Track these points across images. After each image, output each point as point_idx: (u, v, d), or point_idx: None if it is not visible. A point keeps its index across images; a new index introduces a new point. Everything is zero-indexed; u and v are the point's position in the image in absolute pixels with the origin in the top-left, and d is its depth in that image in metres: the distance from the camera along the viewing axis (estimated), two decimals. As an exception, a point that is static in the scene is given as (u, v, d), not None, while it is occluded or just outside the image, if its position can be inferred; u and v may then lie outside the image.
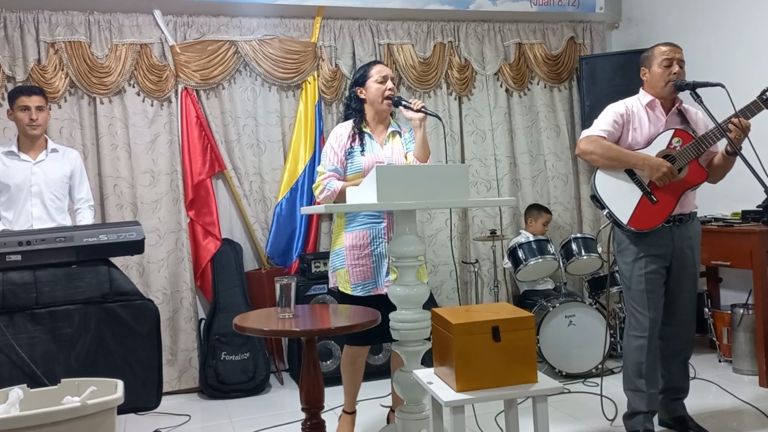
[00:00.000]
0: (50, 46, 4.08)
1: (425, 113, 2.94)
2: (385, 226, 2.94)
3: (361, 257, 2.93)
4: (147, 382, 2.96)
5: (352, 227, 2.96)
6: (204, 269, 4.38)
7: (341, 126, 3.07)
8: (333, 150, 3.00)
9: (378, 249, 2.93)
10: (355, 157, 2.97)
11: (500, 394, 2.16)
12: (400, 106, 2.99)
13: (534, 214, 4.73)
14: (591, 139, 2.94)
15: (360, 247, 2.93)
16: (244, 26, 4.45)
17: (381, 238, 2.93)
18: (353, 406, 3.16)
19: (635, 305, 2.95)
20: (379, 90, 2.99)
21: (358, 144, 2.98)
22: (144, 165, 4.26)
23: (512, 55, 5.02)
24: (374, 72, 3.01)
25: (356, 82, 3.06)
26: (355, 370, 3.10)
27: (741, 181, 2.99)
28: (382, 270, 2.93)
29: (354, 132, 3.01)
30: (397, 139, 3.08)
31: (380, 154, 3.00)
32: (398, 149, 3.05)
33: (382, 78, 3.00)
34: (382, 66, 3.06)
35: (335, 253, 3.02)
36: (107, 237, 3.00)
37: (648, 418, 2.96)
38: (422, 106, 2.93)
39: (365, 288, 2.93)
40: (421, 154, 2.97)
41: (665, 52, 2.91)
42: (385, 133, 3.07)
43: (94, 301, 2.87)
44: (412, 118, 2.95)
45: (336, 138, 3.02)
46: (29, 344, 2.74)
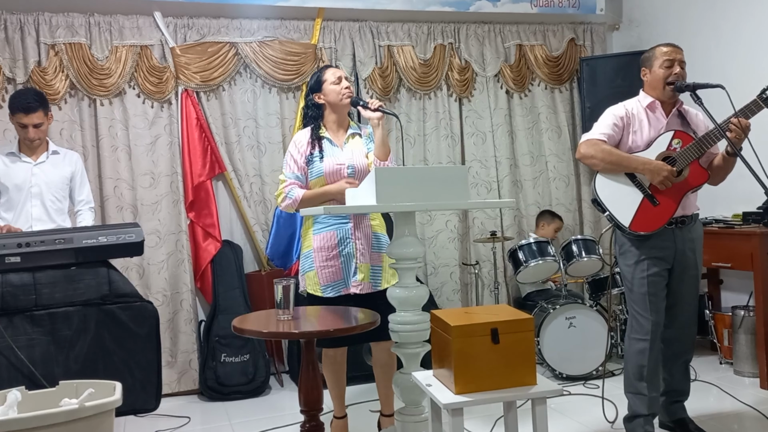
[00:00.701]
0: (51, 48, 4.08)
1: (383, 112, 2.93)
2: (351, 226, 2.94)
3: (330, 258, 2.93)
4: (146, 383, 2.96)
5: (318, 229, 2.96)
6: (204, 271, 4.38)
7: (300, 133, 3.08)
8: (293, 158, 3.00)
9: (346, 249, 2.93)
10: (315, 163, 2.97)
11: (499, 396, 2.15)
12: (358, 105, 2.99)
13: (547, 218, 4.74)
14: (591, 143, 2.94)
15: (328, 249, 2.93)
16: (245, 28, 4.45)
17: (348, 239, 2.93)
18: (343, 410, 3.14)
19: (637, 308, 2.93)
20: (336, 90, 2.99)
21: (317, 150, 2.98)
22: (144, 167, 4.26)
23: (513, 57, 5.02)
24: (329, 75, 3.02)
25: (312, 89, 3.06)
26: (336, 371, 3.09)
27: (741, 183, 2.98)
28: (351, 270, 2.93)
29: (312, 138, 3.01)
30: (357, 140, 3.06)
31: (340, 156, 2.98)
32: (359, 150, 3.03)
33: (337, 79, 3.00)
34: (334, 69, 3.08)
35: (304, 256, 3.02)
36: (107, 239, 3.01)
37: (648, 421, 2.95)
38: (379, 105, 2.93)
39: (335, 289, 2.93)
40: (381, 152, 2.96)
41: (667, 52, 2.91)
42: (344, 136, 3.06)
43: (94, 302, 2.88)
44: (370, 118, 2.94)
45: (295, 146, 3.02)
46: (28, 346, 2.75)
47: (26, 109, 3.39)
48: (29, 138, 3.45)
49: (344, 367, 3.13)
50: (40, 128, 3.47)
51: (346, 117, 3.09)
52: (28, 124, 3.41)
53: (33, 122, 3.42)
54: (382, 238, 3.01)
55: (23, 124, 3.42)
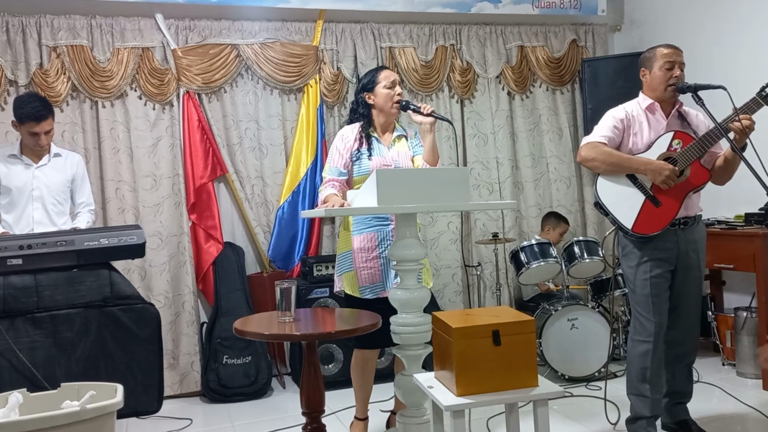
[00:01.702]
0: (52, 50, 4.09)
1: (435, 117, 2.94)
2: (392, 228, 2.94)
3: (370, 260, 2.93)
4: (148, 386, 2.95)
5: (359, 230, 2.96)
6: (206, 273, 4.38)
7: (347, 128, 3.07)
8: (338, 152, 3.00)
9: (386, 251, 2.93)
10: (363, 160, 2.97)
11: (501, 398, 2.14)
12: (408, 110, 2.99)
13: (552, 222, 4.72)
14: (591, 145, 2.93)
15: (368, 250, 2.93)
16: (246, 30, 4.46)
17: (389, 241, 2.93)
18: (365, 412, 3.14)
19: (640, 310, 2.93)
20: (388, 95, 2.99)
21: (365, 147, 2.99)
22: (146, 169, 4.27)
23: (514, 58, 5.02)
24: (382, 77, 3.02)
25: (364, 88, 3.06)
26: (366, 374, 3.08)
27: (744, 184, 2.97)
28: (390, 272, 2.93)
29: (361, 135, 3.01)
30: (403, 143, 3.08)
31: (387, 156, 3.00)
32: (404, 152, 3.05)
33: (390, 83, 3.01)
34: (389, 71, 3.07)
35: (342, 257, 3.02)
36: (108, 241, 3.00)
37: (651, 423, 2.94)
38: (432, 111, 2.94)
39: (373, 290, 2.93)
40: (430, 158, 2.98)
41: (667, 54, 2.90)
42: (391, 137, 3.08)
43: (95, 304, 2.87)
44: (422, 122, 2.95)
45: (342, 140, 3.02)
46: (30, 348, 2.74)
47: (38, 117, 3.37)
48: (41, 145, 3.44)
49: (373, 370, 3.12)
50: (50, 134, 3.47)
51: (394, 119, 3.10)
52: (40, 132, 3.40)
53: (45, 129, 3.41)
54: None
55: (35, 133, 3.40)
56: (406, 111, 3.02)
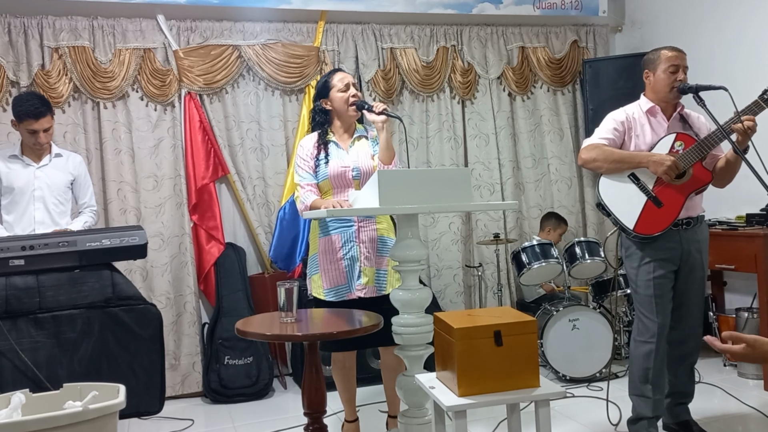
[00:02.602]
0: (54, 51, 4.09)
1: (387, 115, 2.92)
2: (355, 229, 2.93)
3: (333, 261, 2.93)
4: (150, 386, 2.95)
5: (324, 232, 2.96)
6: (207, 273, 4.39)
7: (306, 138, 3.07)
8: (303, 160, 3.00)
9: (350, 253, 2.92)
10: (321, 166, 2.97)
11: (502, 398, 2.15)
12: (363, 109, 2.98)
13: (553, 222, 4.72)
14: (591, 146, 2.94)
15: (332, 252, 2.93)
16: (248, 31, 4.46)
17: (352, 242, 2.92)
18: (354, 414, 3.15)
19: (643, 310, 2.93)
20: (342, 98, 2.98)
21: (323, 154, 2.98)
22: (147, 169, 4.27)
23: (515, 59, 5.02)
24: (336, 81, 3.00)
25: (319, 94, 3.05)
26: (346, 375, 3.09)
27: (745, 185, 2.97)
28: (354, 274, 2.92)
29: (319, 143, 3.00)
30: (362, 142, 3.05)
31: (346, 158, 2.98)
32: (364, 152, 3.02)
33: (344, 86, 2.99)
34: (343, 74, 3.05)
35: (310, 260, 3.03)
36: (110, 241, 3.01)
37: (653, 423, 2.94)
38: (383, 109, 2.92)
39: (338, 293, 2.93)
40: (385, 155, 2.95)
41: (671, 57, 2.89)
42: (350, 139, 3.06)
43: (97, 305, 2.87)
44: (374, 121, 2.94)
45: (303, 149, 3.01)
46: (32, 349, 2.75)
47: (36, 114, 3.38)
48: (40, 143, 3.45)
49: (354, 371, 3.13)
50: (49, 132, 3.47)
51: (354, 121, 3.09)
52: (38, 129, 3.41)
53: (43, 127, 3.42)
54: (389, 241, 2.97)
55: (34, 130, 3.41)
56: (360, 110, 3.00)
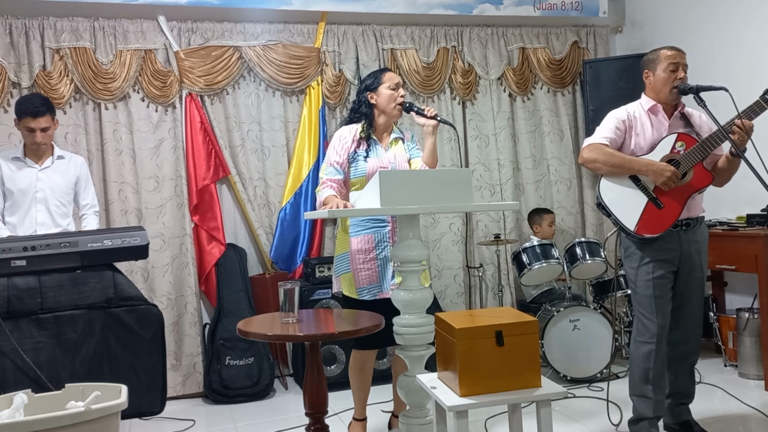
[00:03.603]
0: (55, 52, 4.10)
1: (439, 121, 2.95)
2: (389, 230, 2.95)
3: (367, 261, 2.94)
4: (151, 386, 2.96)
5: (356, 231, 2.97)
6: (208, 274, 4.39)
7: (345, 129, 3.07)
8: (336, 152, 3.00)
9: (383, 253, 2.94)
10: (359, 161, 2.98)
11: (504, 398, 2.15)
12: (411, 112, 3.00)
13: (537, 219, 4.73)
14: (593, 147, 2.94)
15: (365, 251, 2.94)
16: (248, 32, 4.47)
17: (386, 242, 2.94)
18: (363, 412, 3.15)
19: (643, 311, 2.93)
20: (391, 96, 3.00)
21: (363, 148, 2.99)
22: (148, 170, 4.28)
23: (516, 60, 5.03)
24: (386, 78, 3.03)
25: (367, 87, 3.06)
26: (364, 374, 3.10)
27: (746, 185, 2.97)
28: (387, 273, 2.94)
29: (360, 136, 3.01)
30: (399, 145, 3.10)
31: (384, 158, 3.01)
32: (401, 155, 3.07)
33: (394, 85, 3.02)
34: (393, 74, 3.09)
35: (340, 258, 3.03)
36: (111, 242, 3.01)
37: (653, 424, 2.95)
38: (435, 114, 2.95)
39: (371, 292, 2.94)
40: (430, 160, 2.99)
41: (671, 56, 2.90)
42: (388, 139, 3.08)
43: (99, 306, 2.88)
44: (425, 125, 2.96)
45: (339, 140, 3.02)
46: (34, 349, 2.75)
47: (34, 113, 3.40)
48: (36, 142, 3.46)
49: (371, 371, 3.13)
50: (47, 132, 3.48)
51: (392, 122, 3.11)
52: (35, 128, 3.42)
53: (41, 126, 3.43)
54: None
55: (31, 128, 3.42)
56: (409, 113, 3.03)
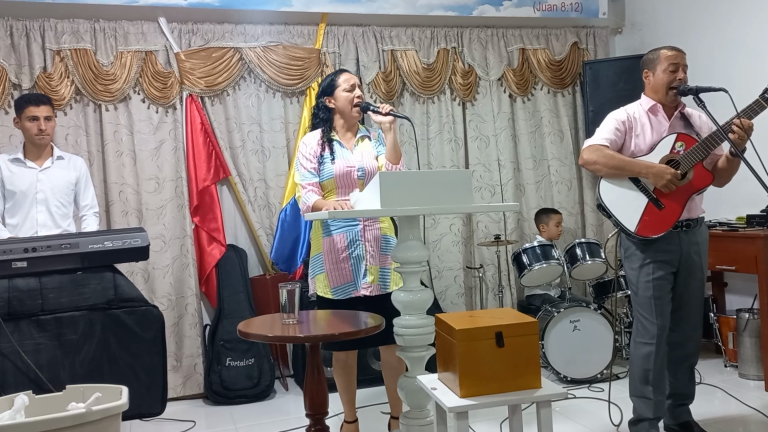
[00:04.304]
0: (56, 54, 4.10)
1: (394, 116, 2.95)
2: (361, 228, 2.96)
3: (340, 261, 2.94)
4: (152, 387, 2.97)
5: (328, 232, 2.98)
6: (209, 275, 4.39)
7: (308, 135, 3.08)
8: (305, 158, 3.00)
9: (356, 252, 2.94)
10: (326, 164, 2.98)
11: (504, 399, 2.15)
12: (368, 111, 3.00)
13: (544, 219, 4.73)
14: (593, 148, 2.94)
15: (338, 251, 2.94)
16: (249, 33, 4.47)
17: (358, 241, 2.95)
18: (354, 414, 3.15)
19: (642, 312, 2.93)
20: (347, 98, 3.00)
21: (327, 152, 3.00)
22: (149, 171, 4.28)
23: (516, 61, 5.03)
24: (342, 81, 3.02)
25: (324, 92, 3.06)
26: (348, 375, 3.10)
27: (746, 186, 2.98)
28: (360, 272, 2.95)
29: (323, 140, 3.02)
30: (366, 143, 3.08)
31: (351, 158, 3.00)
32: (368, 152, 3.05)
33: (350, 86, 3.01)
34: (349, 74, 3.07)
35: (314, 260, 3.04)
36: (112, 243, 3.02)
37: (654, 425, 2.95)
38: (390, 110, 2.94)
39: (345, 291, 2.95)
40: (392, 156, 2.97)
41: (671, 57, 2.90)
42: (354, 139, 3.08)
43: (99, 307, 2.89)
44: (381, 122, 2.95)
45: (306, 147, 3.02)
46: (34, 350, 2.76)
47: (36, 101, 3.44)
48: (41, 129, 3.45)
49: (354, 371, 3.14)
50: (50, 122, 3.49)
51: (356, 121, 3.10)
52: (39, 115, 3.43)
53: (44, 114, 3.45)
54: (391, 240, 3.02)
55: (34, 116, 3.43)
56: (366, 112, 3.02)
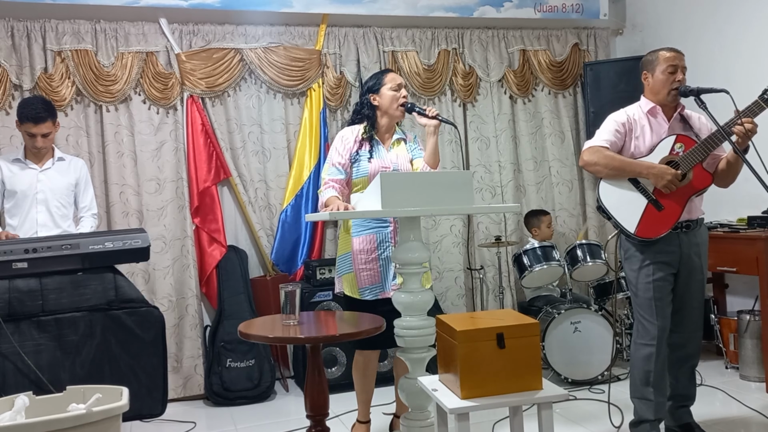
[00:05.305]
0: (57, 55, 4.11)
1: (440, 120, 2.96)
2: (391, 230, 2.96)
3: (369, 261, 2.94)
4: (152, 389, 2.96)
5: (359, 232, 2.98)
6: (209, 276, 4.39)
7: (347, 130, 3.09)
8: (338, 152, 3.02)
9: (385, 253, 2.95)
10: (362, 162, 2.99)
11: (505, 401, 2.15)
12: (413, 112, 3.01)
13: (534, 222, 4.71)
14: (593, 150, 2.94)
15: (367, 252, 2.94)
16: (250, 34, 4.47)
17: (388, 242, 2.95)
18: (367, 414, 3.15)
19: (643, 313, 2.93)
20: (393, 97, 3.02)
21: (365, 149, 3.01)
22: (150, 172, 4.28)
23: (516, 62, 5.03)
24: (388, 80, 3.05)
25: (370, 89, 3.07)
26: (367, 375, 3.10)
27: (746, 187, 2.98)
28: (389, 274, 2.95)
29: (363, 137, 3.03)
30: (402, 146, 3.11)
31: (386, 159, 3.02)
32: (403, 155, 3.08)
33: (396, 86, 3.03)
34: (395, 74, 3.10)
35: (342, 258, 3.04)
36: (113, 244, 3.02)
37: (654, 426, 2.94)
38: (437, 113, 2.96)
39: (373, 292, 2.95)
40: (432, 160, 3.01)
41: (669, 58, 2.90)
42: (390, 140, 3.09)
43: (100, 308, 2.89)
44: (426, 125, 2.97)
45: (342, 141, 3.03)
46: (35, 351, 2.76)
47: (36, 119, 3.41)
48: (37, 147, 3.48)
49: (375, 372, 3.13)
50: (48, 137, 3.50)
51: (395, 123, 3.12)
52: (36, 133, 3.44)
53: (42, 132, 3.44)
54: None
55: (32, 134, 3.44)
56: (411, 113, 3.04)
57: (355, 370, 3.10)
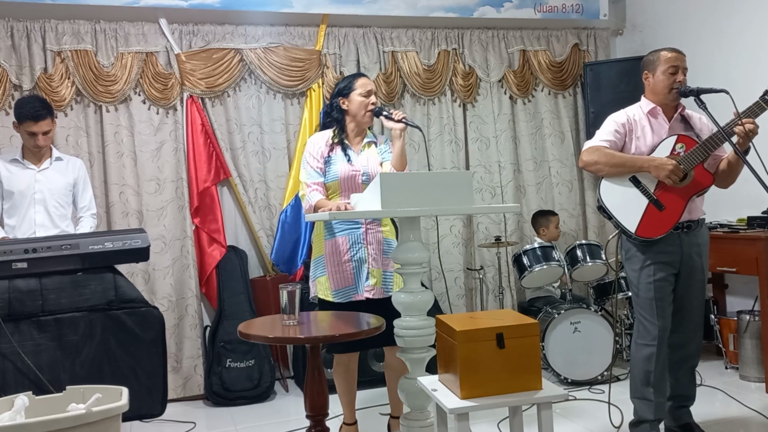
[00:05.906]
0: (57, 55, 4.11)
1: (406, 124, 2.95)
2: (363, 231, 2.95)
3: (341, 263, 2.94)
4: (152, 389, 2.96)
5: (330, 234, 2.97)
6: (209, 276, 4.39)
7: (317, 135, 3.10)
8: (312, 156, 3.01)
9: (357, 254, 2.94)
10: (332, 165, 2.98)
11: (505, 401, 2.15)
12: (381, 116, 3.00)
13: (543, 221, 4.72)
14: (593, 149, 2.94)
15: (340, 254, 2.94)
16: (249, 34, 4.47)
17: (360, 243, 2.94)
18: (353, 416, 3.15)
19: (643, 313, 2.93)
20: (362, 103, 3.00)
21: (335, 153, 3.00)
22: (149, 173, 4.28)
23: (516, 62, 5.03)
24: (359, 85, 3.02)
25: (340, 92, 3.06)
26: (348, 378, 3.10)
27: (746, 187, 2.98)
28: (362, 275, 2.94)
29: (333, 141, 3.02)
30: (372, 149, 3.09)
31: (356, 162, 3.00)
32: (373, 158, 3.06)
33: (366, 92, 3.01)
34: (367, 80, 3.07)
35: (315, 262, 3.04)
36: (113, 244, 3.02)
37: (654, 426, 2.94)
38: (403, 117, 2.95)
39: (346, 294, 2.94)
40: (398, 163, 2.97)
41: (670, 59, 2.90)
42: (361, 144, 3.08)
43: (100, 308, 2.89)
44: (392, 128, 2.96)
45: (313, 145, 3.03)
46: (35, 351, 2.76)
47: (35, 117, 3.40)
48: (38, 145, 3.47)
49: (356, 373, 3.13)
50: (48, 135, 3.50)
51: (366, 127, 3.11)
52: (37, 132, 3.43)
53: (42, 130, 3.44)
54: (393, 243, 3.01)
55: (32, 132, 3.43)
56: (378, 117, 3.03)
57: (336, 374, 3.10)
